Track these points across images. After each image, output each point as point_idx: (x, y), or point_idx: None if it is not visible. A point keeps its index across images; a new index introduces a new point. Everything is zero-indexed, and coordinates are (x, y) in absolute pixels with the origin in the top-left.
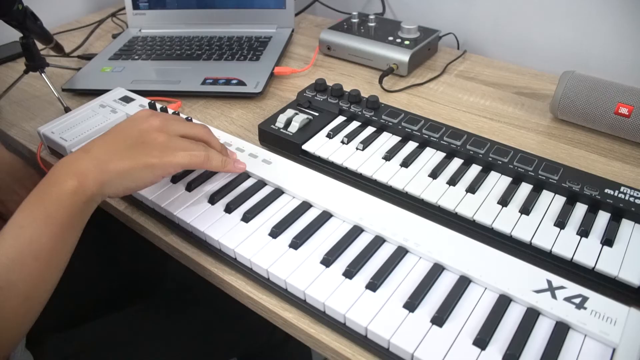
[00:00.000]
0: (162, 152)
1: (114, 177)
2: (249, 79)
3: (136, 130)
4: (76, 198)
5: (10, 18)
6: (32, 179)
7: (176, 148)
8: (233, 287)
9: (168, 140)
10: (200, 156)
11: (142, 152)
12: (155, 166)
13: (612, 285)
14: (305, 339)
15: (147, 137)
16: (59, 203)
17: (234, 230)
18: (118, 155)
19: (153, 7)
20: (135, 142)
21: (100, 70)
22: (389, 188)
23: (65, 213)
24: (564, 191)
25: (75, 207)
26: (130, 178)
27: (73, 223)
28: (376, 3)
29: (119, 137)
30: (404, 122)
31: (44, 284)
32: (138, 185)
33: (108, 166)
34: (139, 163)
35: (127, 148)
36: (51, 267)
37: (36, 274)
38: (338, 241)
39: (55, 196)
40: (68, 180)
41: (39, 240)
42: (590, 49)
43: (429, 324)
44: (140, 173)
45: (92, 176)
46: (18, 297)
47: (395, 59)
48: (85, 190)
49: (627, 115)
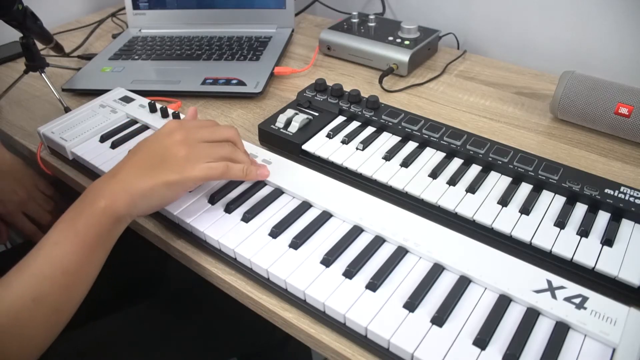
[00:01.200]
0: (182, 167)
1: (140, 198)
2: (249, 79)
3: (159, 147)
4: (105, 219)
5: (10, 18)
6: (31, 180)
7: (197, 160)
8: (233, 287)
9: (189, 153)
10: (218, 168)
11: (163, 170)
12: (174, 183)
13: (612, 285)
14: (305, 339)
15: (168, 153)
16: (89, 223)
17: (234, 230)
18: (141, 176)
19: (153, 7)
20: (158, 160)
21: (100, 70)
22: (389, 188)
23: (94, 232)
24: (564, 191)
25: (104, 227)
26: (154, 197)
27: (101, 242)
28: (376, 3)
29: (143, 155)
30: (404, 122)
31: (72, 298)
32: (162, 202)
33: (133, 188)
34: (159, 182)
35: (149, 167)
36: (79, 282)
37: (65, 288)
38: (338, 241)
39: (86, 216)
40: (99, 201)
41: (69, 257)
42: (590, 49)
43: (429, 324)
44: (162, 191)
45: (120, 198)
46: (48, 310)
47: (395, 59)
48: (114, 211)
49: (627, 115)
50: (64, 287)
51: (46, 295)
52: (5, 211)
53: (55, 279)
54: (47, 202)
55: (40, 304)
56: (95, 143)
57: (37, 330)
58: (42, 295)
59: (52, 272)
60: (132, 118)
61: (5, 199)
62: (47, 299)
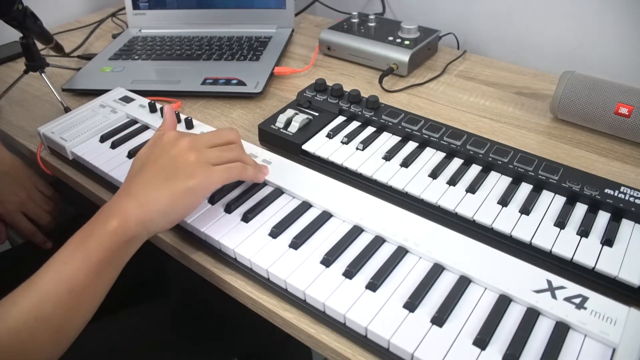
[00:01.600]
0: (198, 174)
1: (158, 215)
2: (249, 79)
3: (169, 158)
4: (116, 238)
5: (10, 18)
6: (31, 180)
7: (209, 164)
8: (233, 287)
9: (199, 157)
10: (237, 167)
11: (180, 179)
12: (196, 189)
13: (612, 285)
14: (305, 339)
15: (179, 160)
16: (99, 242)
17: (234, 230)
18: (158, 190)
19: (153, 7)
20: (170, 171)
21: (100, 70)
22: (389, 188)
23: (104, 252)
24: (564, 191)
25: (115, 246)
26: (173, 210)
27: (111, 262)
28: (376, 3)
29: (155, 169)
30: (404, 122)
31: (77, 318)
32: (183, 213)
33: (150, 206)
34: (178, 191)
35: (164, 179)
36: (85, 303)
37: (70, 308)
38: (338, 241)
39: (97, 235)
40: (111, 221)
41: (77, 277)
42: (590, 49)
43: (429, 324)
44: (182, 201)
45: (134, 217)
46: (51, 329)
47: (395, 59)
48: (126, 230)
49: (627, 115)
50: (69, 307)
51: (50, 315)
52: (5, 211)
53: (60, 298)
54: (47, 203)
55: (43, 322)
56: (95, 143)
57: (39, 350)
58: (46, 314)
59: (57, 291)
60: (132, 118)
61: (5, 199)
62: (50, 318)
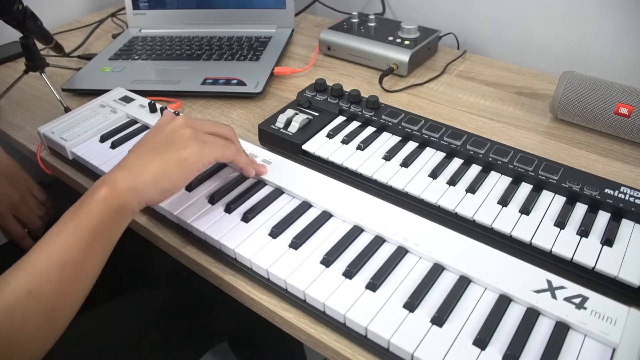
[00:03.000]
0: (193, 145)
1: (148, 183)
2: (249, 79)
3: (163, 134)
4: (106, 206)
5: (10, 18)
6: (26, 184)
7: (206, 141)
8: (233, 287)
9: (196, 133)
10: (231, 148)
11: (173, 150)
12: (188, 160)
13: (612, 285)
14: (305, 339)
15: (174, 135)
16: (90, 212)
17: (234, 230)
18: (150, 160)
19: (153, 7)
20: (164, 143)
21: (100, 70)
22: (389, 188)
23: (94, 221)
24: (564, 191)
25: (106, 215)
26: (165, 179)
27: (103, 232)
28: (376, 3)
29: (147, 145)
30: (404, 122)
31: (70, 296)
32: (174, 184)
33: (140, 173)
34: (171, 160)
35: (157, 151)
36: (78, 278)
37: (63, 284)
38: (338, 241)
39: (87, 206)
40: (99, 190)
41: (68, 249)
42: (590, 49)
43: (429, 324)
44: (175, 170)
45: (123, 184)
46: (44, 308)
47: (395, 59)
48: (115, 197)
49: (627, 115)
50: (63, 283)
51: (43, 291)
52: None
53: (53, 274)
54: (39, 208)
55: (36, 300)
56: (95, 143)
57: (33, 330)
58: (38, 291)
59: (49, 266)
60: (132, 118)
61: None
62: (43, 295)
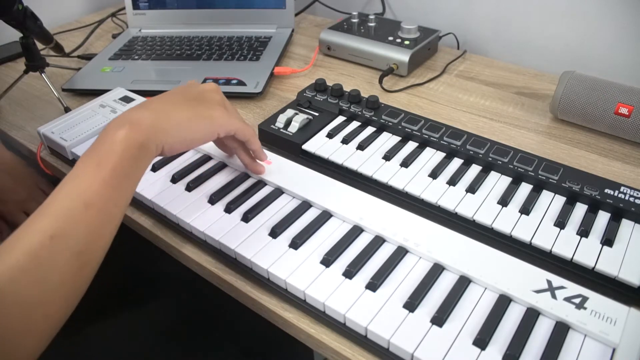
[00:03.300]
0: (222, 109)
1: (172, 126)
2: (249, 79)
3: (195, 91)
4: (128, 143)
5: (10, 18)
6: (32, 179)
7: (232, 111)
8: (233, 287)
9: (224, 102)
10: (250, 129)
11: (202, 106)
12: (216, 119)
13: (612, 285)
14: (305, 339)
15: (206, 95)
16: (111, 150)
17: (234, 230)
18: (177, 106)
19: (153, 7)
20: (194, 98)
21: (100, 70)
22: (389, 188)
23: (116, 159)
24: (564, 191)
25: (127, 152)
26: (189, 128)
27: (125, 171)
28: (376, 3)
29: (177, 94)
30: (404, 122)
31: (97, 238)
32: (196, 136)
33: (167, 114)
34: (200, 114)
35: (186, 102)
36: (103, 221)
37: (88, 226)
38: (338, 241)
39: (108, 144)
40: (120, 128)
41: (91, 189)
42: (590, 49)
43: (429, 324)
44: (200, 123)
45: (146, 122)
46: (71, 249)
47: (395, 59)
48: (137, 135)
49: (627, 115)
50: (88, 224)
51: (67, 232)
52: (6, 210)
53: (76, 214)
54: None
55: (60, 241)
56: None
57: (61, 273)
58: (63, 232)
59: (72, 206)
60: None
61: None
62: (68, 235)
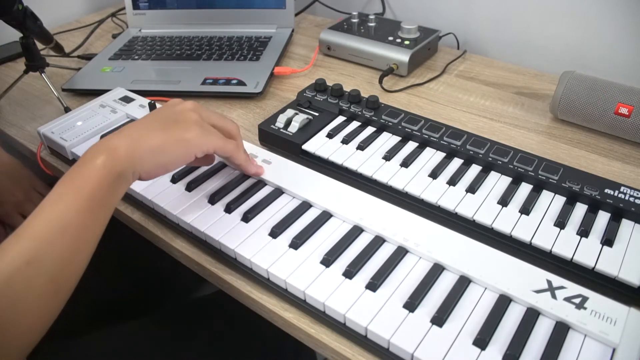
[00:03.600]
0: (197, 129)
1: (146, 153)
2: (249, 79)
3: (170, 112)
4: (105, 172)
5: (10, 18)
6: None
7: (210, 129)
8: (233, 287)
9: (201, 121)
10: (232, 144)
11: (177, 128)
12: (190, 141)
13: (612, 285)
14: (305, 339)
15: (181, 116)
16: (88, 178)
17: (234, 230)
18: (152, 132)
19: (153, 7)
20: (169, 120)
21: (100, 70)
22: (389, 188)
23: (94, 187)
24: (564, 191)
25: (104, 181)
26: (163, 153)
27: (102, 199)
28: (376, 3)
29: (152, 118)
30: (404, 122)
31: (71, 265)
32: (171, 160)
33: (140, 142)
34: (173, 137)
35: (161, 126)
36: (79, 247)
37: (63, 252)
38: (338, 241)
39: (85, 171)
40: (98, 156)
41: (67, 216)
42: (590, 49)
43: (429, 324)
44: (174, 147)
45: (123, 151)
46: (46, 275)
47: (395, 59)
48: (114, 164)
49: (627, 115)
50: (63, 250)
51: (43, 258)
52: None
53: (53, 240)
54: None
55: (37, 267)
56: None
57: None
58: (39, 258)
59: (49, 232)
60: (132, 118)
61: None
62: (44, 262)
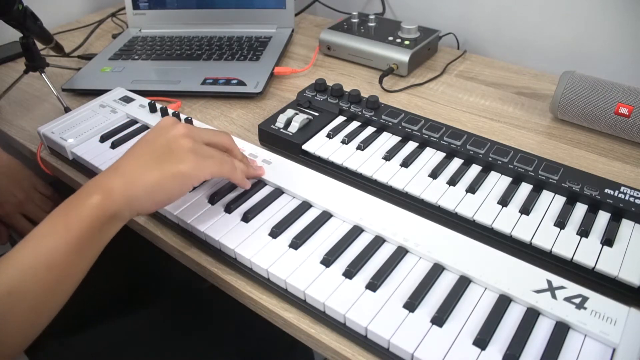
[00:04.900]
0: (191, 159)
1: (142, 192)
2: (249, 79)
3: (163, 140)
4: (99, 212)
5: (10, 18)
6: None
7: (205, 155)
8: (233, 287)
9: (195, 146)
10: (229, 163)
11: (171, 162)
12: (186, 174)
13: (612, 285)
14: (305, 339)
15: (174, 144)
16: (81, 216)
17: (234, 230)
18: (146, 169)
19: (153, 7)
20: (163, 152)
21: (100, 70)
22: (389, 188)
23: (85, 227)
24: (564, 191)
25: (97, 221)
26: (160, 190)
27: (93, 238)
28: (376, 3)
29: (146, 149)
30: (404, 122)
31: (54, 297)
32: (169, 197)
33: (136, 182)
34: (169, 172)
35: (155, 160)
36: (63, 281)
37: (47, 286)
38: (338, 241)
39: (79, 209)
40: (93, 195)
41: (56, 252)
42: (590, 49)
43: (429, 324)
44: (171, 183)
45: (119, 192)
46: (26, 306)
47: (395, 59)
48: (109, 206)
49: (627, 115)
50: (47, 284)
51: (26, 290)
52: (3, 212)
53: (38, 274)
54: (46, 203)
55: (17, 298)
56: (95, 143)
57: (15, 327)
58: (21, 290)
59: (35, 266)
60: (132, 118)
61: (3, 200)
62: (27, 294)
